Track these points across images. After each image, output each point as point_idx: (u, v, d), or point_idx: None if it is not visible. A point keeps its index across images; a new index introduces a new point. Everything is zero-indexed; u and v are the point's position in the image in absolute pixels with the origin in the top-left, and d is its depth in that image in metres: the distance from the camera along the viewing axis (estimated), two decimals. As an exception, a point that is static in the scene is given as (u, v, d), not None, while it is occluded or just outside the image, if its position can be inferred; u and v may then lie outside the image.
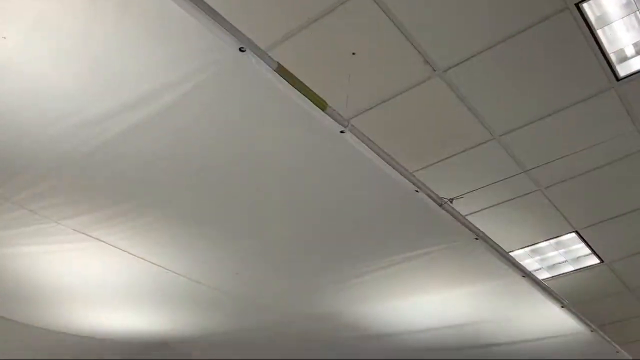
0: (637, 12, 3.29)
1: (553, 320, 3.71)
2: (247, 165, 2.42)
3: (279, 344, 4.17)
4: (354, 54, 3.40)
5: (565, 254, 5.09)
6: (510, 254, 3.54)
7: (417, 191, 2.56)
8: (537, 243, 4.96)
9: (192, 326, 3.82)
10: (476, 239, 2.90)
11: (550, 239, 4.90)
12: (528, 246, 5.00)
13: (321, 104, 2.10)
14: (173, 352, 4.22)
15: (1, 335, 3.76)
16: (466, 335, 3.91)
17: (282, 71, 1.94)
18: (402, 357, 4.30)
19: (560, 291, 4.56)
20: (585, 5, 3.12)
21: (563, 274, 5.36)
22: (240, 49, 1.81)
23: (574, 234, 4.82)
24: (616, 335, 4.69)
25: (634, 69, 3.51)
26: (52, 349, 4.06)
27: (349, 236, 2.92)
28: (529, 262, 5.18)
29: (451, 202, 2.70)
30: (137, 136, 2.18)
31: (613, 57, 3.42)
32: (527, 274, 3.25)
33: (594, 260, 5.16)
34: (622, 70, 3.49)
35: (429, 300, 3.50)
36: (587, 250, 5.01)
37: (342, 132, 2.20)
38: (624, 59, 3.48)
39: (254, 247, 2.98)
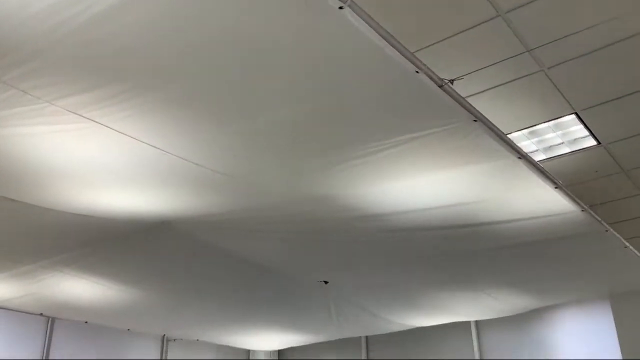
0: None
1: (546, 200, 3.79)
2: (244, 45, 2.35)
3: (277, 225, 4.28)
4: None
5: (563, 135, 5.10)
6: (508, 135, 3.54)
7: (417, 72, 2.51)
8: (536, 125, 4.95)
9: (192, 207, 3.90)
10: (475, 120, 2.88)
11: (549, 120, 4.88)
12: (526, 128, 4.99)
13: (319, -23, 1.99)
14: (175, 231, 4.34)
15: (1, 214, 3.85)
16: (461, 215, 4.01)
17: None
18: (398, 236, 4.44)
19: (555, 172, 4.63)
20: None
21: (559, 155, 5.41)
22: None
23: (573, 116, 4.80)
24: (606, 215, 4.81)
25: (652, -60, 3.30)
26: (52, 227, 4.18)
27: (346, 118, 2.89)
28: (526, 144, 5.20)
29: (451, 83, 2.65)
30: (131, 10, 2.08)
31: None
32: (523, 156, 3.27)
33: (591, 142, 5.17)
34: (639, -59, 3.29)
35: (425, 181, 3.54)
36: (585, 132, 5.02)
37: (341, 7, 2.10)
38: None
39: (252, 128, 2.97)
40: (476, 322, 7.85)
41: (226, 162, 3.30)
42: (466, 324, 7.86)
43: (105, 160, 3.20)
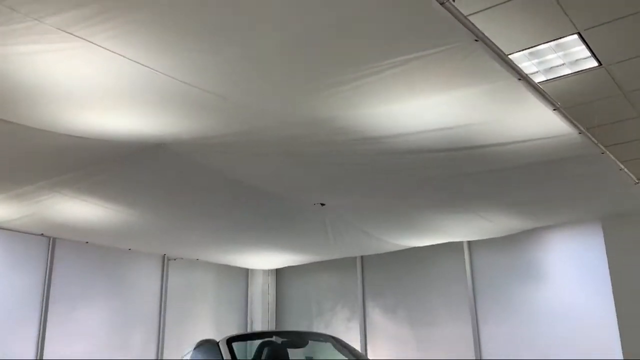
0: None
1: (544, 122, 3.77)
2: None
3: (273, 147, 4.27)
4: None
5: (564, 56, 5.01)
6: (509, 56, 3.47)
7: (417, -12, 2.43)
8: (537, 45, 4.85)
9: (187, 129, 3.87)
10: (476, 40, 2.81)
11: (551, 40, 4.78)
12: (527, 48, 4.89)
13: None
14: (172, 153, 4.33)
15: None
16: (458, 137, 4.01)
17: None
18: (395, 159, 4.45)
19: (554, 94, 4.58)
20: None
21: (559, 77, 5.34)
22: None
23: (576, 36, 4.69)
24: (603, 138, 4.82)
25: None
26: (48, 148, 4.16)
27: (343, 37, 2.82)
28: (527, 65, 5.12)
29: (454, 0, 2.56)
30: None
31: None
32: (523, 77, 3.23)
33: (593, 64, 5.09)
34: None
35: (423, 104, 3.51)
36: (587, 53, 4.92)
37: None
38: None
39: (247, 50, 2.90)
40: (469, 242, 8.01)
41: (219, 83, 3.24)
42: (459, 245, 8.04)
43: (98, 80, 3.14)
